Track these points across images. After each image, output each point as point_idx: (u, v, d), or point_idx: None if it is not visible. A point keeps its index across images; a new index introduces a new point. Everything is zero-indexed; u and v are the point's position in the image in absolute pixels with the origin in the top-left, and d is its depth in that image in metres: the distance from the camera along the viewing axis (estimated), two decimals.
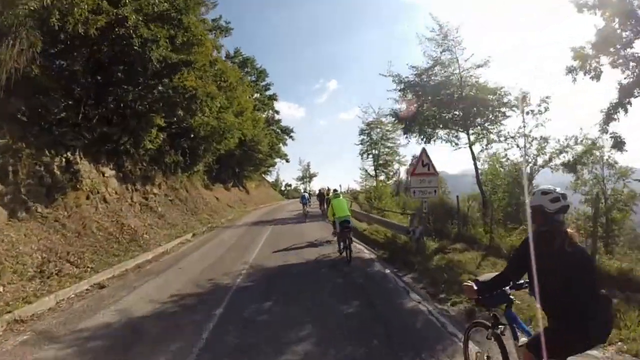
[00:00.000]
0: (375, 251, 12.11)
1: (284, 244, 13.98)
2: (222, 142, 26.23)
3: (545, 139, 15.25)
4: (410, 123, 16.16)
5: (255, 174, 51.22)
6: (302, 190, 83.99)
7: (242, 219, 26.89)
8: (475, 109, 15.40)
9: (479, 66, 15.31)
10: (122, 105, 16.88)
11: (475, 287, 2.97)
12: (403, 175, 37.16)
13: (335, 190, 18.68)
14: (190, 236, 17.71)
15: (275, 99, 56.11)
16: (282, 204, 52.13)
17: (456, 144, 17.23)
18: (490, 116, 15.60)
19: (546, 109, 14.32)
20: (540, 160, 15.85)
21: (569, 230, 2.74)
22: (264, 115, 50.02)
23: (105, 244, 13.38)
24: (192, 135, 23.79)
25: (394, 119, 17.41)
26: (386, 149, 34.91)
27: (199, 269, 10.59)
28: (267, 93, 54.44)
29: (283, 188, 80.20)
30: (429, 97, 15.54)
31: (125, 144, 18.28)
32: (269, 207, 42.25)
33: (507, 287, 3.12)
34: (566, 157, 15.21)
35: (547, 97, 14.44)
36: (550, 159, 15.64)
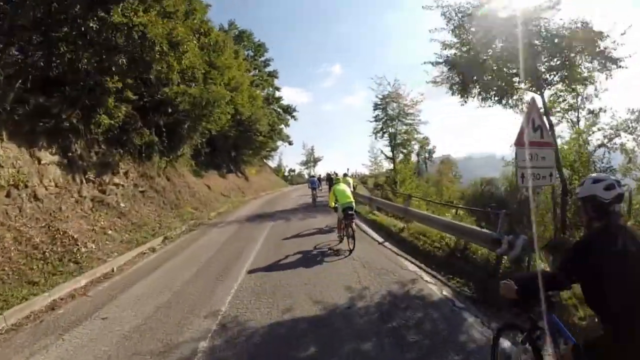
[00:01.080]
0: (443, 278, 7.14)
1: (286, 259, 9.21)
2: (210, 119, 21.34)
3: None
4: (472, 74, 11.23)
5: (255, 158, 46.46)
6: (307, 175, 79.79)
7: (237, 211, 22.18)
8: (563, 55, 10.53)
9: None
10: (56, 61, 12.04)
11: (515, 287, 2.69)
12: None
13: (345, 175, 17.77)
14: (158, 242, 13.05)
15: (276, 76, 50.87)
16: (285, 190, 47.43)
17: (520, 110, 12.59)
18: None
19: None
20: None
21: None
22: (263, 93, 44.93)
23: (23, 264, 9.08)
24: (169, 110, 18.92)
25: (446, 67, 12.42)
26: (404, 127, 29.91)
27: (132, 326, 5.85)
28: (267, 70, 49.23)
29: (287, 173, 75.25)
30: (495, 38, 10.61)
31: (70, 119, 13.51)
32: (271, 195, 37.52)
33: None
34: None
35: None
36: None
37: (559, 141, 14.06)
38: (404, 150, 30.11)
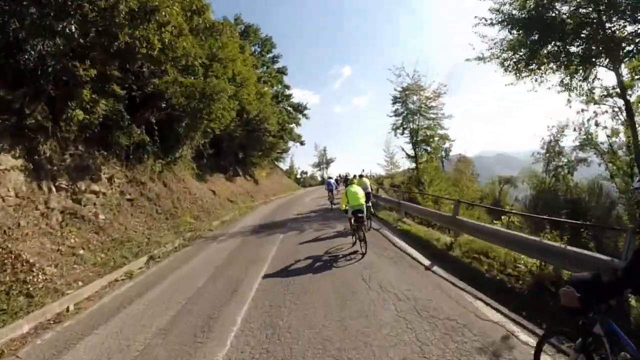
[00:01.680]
0: (550, 337, 4.35)
1: (299, 300, 6.57)
2: (210, 115, 18.88)
3: None
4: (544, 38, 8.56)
5: (265, 160, 43.98)
6: (321, 177, 77.80)
7: (244, 219, 19.69)
8: None
9: None
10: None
11: (578, 295, 2.38)
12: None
13: (360, 176, 17.18)
14: (140, 264, 10.63)
15: (285, 73, 48.31)
16: (298, 193, 44.93)
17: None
18: None
19: None
20: None
21: None
22: (272, 91, 42.45)
23: None
24: (163, 105, 16.51)
25: (504, 29, 9.77)
26: (427, 121, 27.07)
27: None
28: (275, 66, 46.74)
29: (299, 176, 72.74)
30: None
31: (35, 115, 11.17)
32: (282, 199, 35.02)
33: None
34: None
35: None
36: None
37: None
38: (428, 148, 27.24)
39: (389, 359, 4.20)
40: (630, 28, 9.23)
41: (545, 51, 9.89)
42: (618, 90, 10.04)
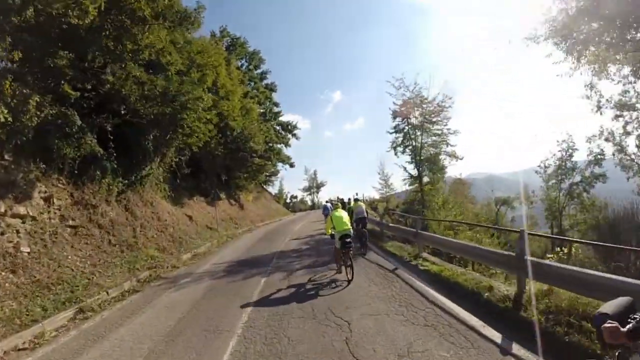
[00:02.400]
0: None
1: None
2: (182, 126, 16.14)
3: None
4: None
5: (252, 183, 41.09)
6: (310, 201, 75.04)
7: (221, 252, 16.63)
8: None
9: None
10: None
11: (624, 329, 1.84)
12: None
13: (356, 200, 17.75)
14: (64, 319, 7.58)
15: (274, 89, 45.99)
16: (287, 219, 41.91)
17: None
18: None
19: None
20: None
21: None
22: (259, 110, 39.93)
23: None
24: (122, 110, 13.75)
25: None
26: (431, 138, 24.56)
27: None
28: (264, 82, 44.42)
29: (288, 200, 69.77)
30: None
31: None
32: (270, 226, 32.03)
33: None
34: None
35: None
36: None
37: None
38: (434, 167, 24.60)
39: None
40: None
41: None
42: None
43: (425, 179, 25.61)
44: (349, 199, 36.55)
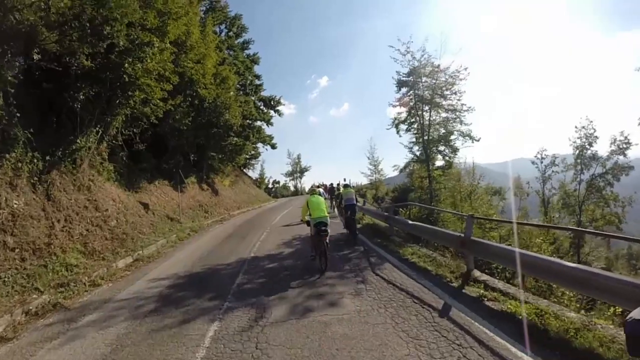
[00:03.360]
0: None
1: None
2: (124, 79, 12.27)
3: None
4: None
5: (228, 165, 37.15)
6: (293, 186, 71.38)
7: (169, 258, 12.47)
8: None
9: None
10: None
11: None
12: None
13: (346, 185, 16.88)
14: None
15: (257, 62, 41.61)
16: (267, 206, 38.33)
17: None
18: None
19: None
20: None
21: None
22: (239, 81, 35.69)
23: None
24: (36, 52, 9.87)
25: None
26: (443, 113, 20.91)
27: None
28: (245, 53, 40.08)
29: (271, 185, 66.00)
30: None
31: None
32: (247, 215, 28.34)
33: None
34: None
35: None
36: None
37: None
38: (444, 149, 20.99)
39: None
40: None
41: None
42: None
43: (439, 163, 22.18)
44: (337, 184, 33.41)
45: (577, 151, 28.04)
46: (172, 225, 17.62)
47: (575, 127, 27.25)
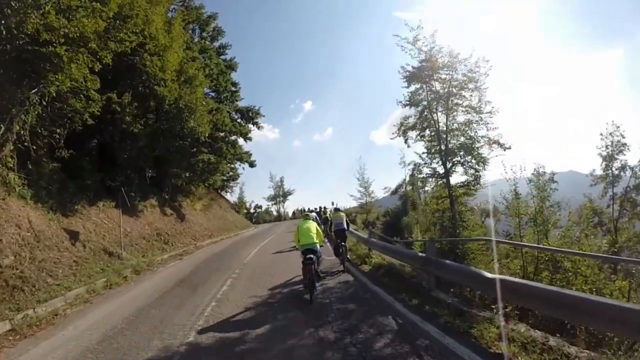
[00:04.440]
0: None
1: None
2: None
3: None
4: None
5: (201, 186, 32.97)
6: (276, 211, 67.31)
7: (66, 327, 7.96)
8: None
9: None
10: None
11: None
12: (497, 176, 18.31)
13: (337, 209, 17.07)
14: None
15: (234, 68, 37.67)
16: (246, 234, 34.16)
17: None
18: None
19: None
20: None
21: None
22: (210, 85, 31.70)
23: None
24: None
25: None
26: (463, 114, 17.21)
27: None
28: (222, 58, 36.32)
29: (252, 210, 61.97)
30: None
31: None
32: (218, 247, 23.85)
33: None
34: None
35: None
36: None
37: None
38: (470, 159, 17.09)
39: None
40: None
41: None
42: None
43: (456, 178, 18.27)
44: (323, 208, 29.86)
45: (604, 162, 24.81)
46: (109, 262, 13.26)
47: (601, 134, 24.16)
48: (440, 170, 17.42)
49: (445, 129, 17.33)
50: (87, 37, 10.34)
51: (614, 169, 24.64)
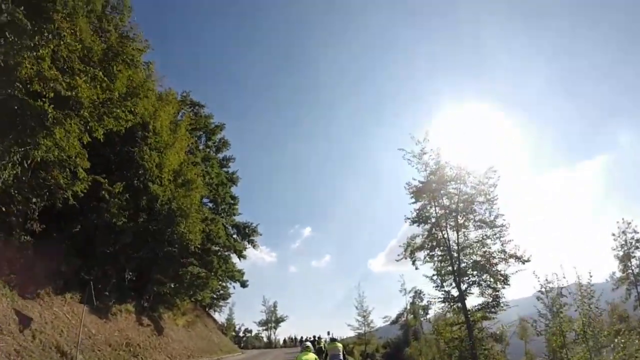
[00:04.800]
0: None
1: None
2: None
3: None
4: None
5: (187, 300, 30.99)
6: (266, 337, 63.27)
7: None
8: None
9: None
10: None
11: None
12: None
13: (333, 339, 16.54)
14: None
15: (235, 182, 37.94)
16: None
17: None
18: None
19: None
20: None
21: None
22: (209, 194, 31.68)
23: None
24: None
25: None
26: (475, 230, 16.65)
27: None
28: (224, 170, 36.92)
29: (241, 334, 59.59)
30: None
31: None
32: None
33: None
34: None
35: None
36: None
37: None
38: (487, 278, 15.84)
39: None
40: None
41: None
42: None
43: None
44: (318, 337, 27.69)
45: (622, 263, 23.54)
46: None
47: (613, 234, 23.22)
48: (454, 292, 16.26)
49: (456, 247, 16.60)
50: (81, 102, 10.23)
51: (634, 267, 23.39)
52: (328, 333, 34.10)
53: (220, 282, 37.89)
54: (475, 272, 16.16)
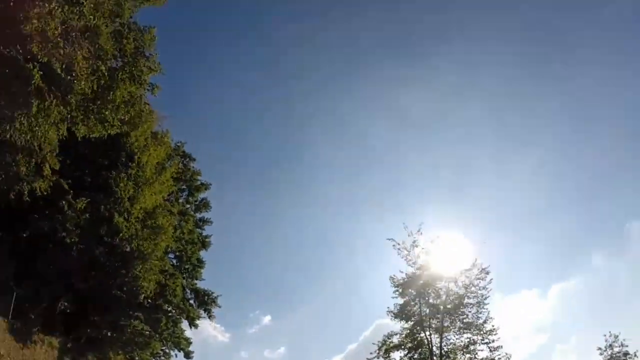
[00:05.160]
0: None
1: None
2: None
3: None
4: None
5: (120, 355, 28.54)
6: None
7: None
8: None
9: None
10: None
11: None
12: None
13: None
14: None
15: (205, 245, 36.76)
16: None
17: None
18: None
19: None
20: None
21: None
22: (171, 242, 30.77)
23: None
24: None
25: None
26: (464, 334, 16.42)
27: None
28: (199, 230, 36.11)
29: None
30: None
31: None
32: None
33: None
34: None
35: None
36: None
37: None
38: None
39: None
40: None
41: None
42: None
43: None
44: None
45: None
46: None
47: (599, 348, 22.14)
48: None
49: (438, 352, 15.96)
50: (72, 87, 10.17)
51: None
52: None
53: (163, 348, 35.17)
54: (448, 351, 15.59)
